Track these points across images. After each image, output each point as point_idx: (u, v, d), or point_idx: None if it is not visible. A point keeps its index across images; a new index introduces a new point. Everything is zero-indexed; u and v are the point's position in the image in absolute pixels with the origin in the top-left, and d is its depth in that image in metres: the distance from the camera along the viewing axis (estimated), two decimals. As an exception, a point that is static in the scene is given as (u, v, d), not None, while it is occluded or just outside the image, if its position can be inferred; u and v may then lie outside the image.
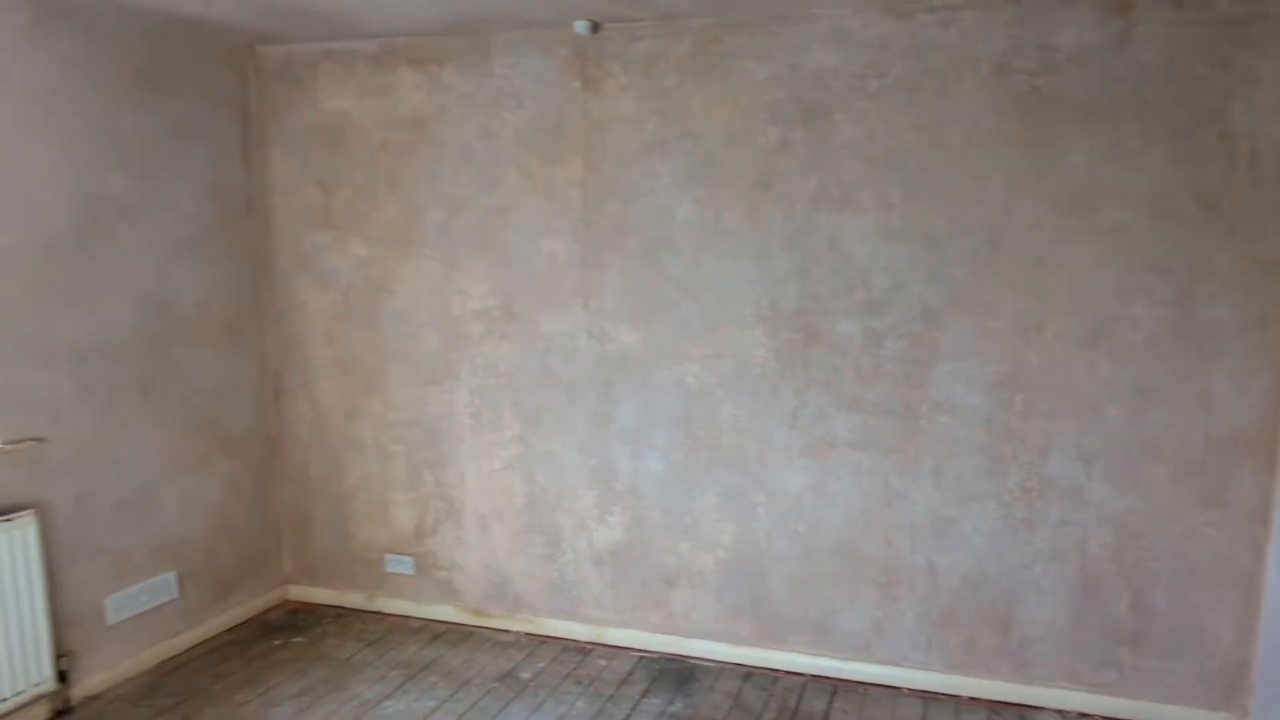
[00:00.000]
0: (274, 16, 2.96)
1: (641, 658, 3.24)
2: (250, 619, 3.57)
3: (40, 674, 2.66)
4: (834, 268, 2.86)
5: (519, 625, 3.45)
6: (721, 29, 2.87)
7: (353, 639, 3.42)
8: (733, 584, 3.15)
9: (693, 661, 3.19)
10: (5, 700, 2.56)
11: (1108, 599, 2.75)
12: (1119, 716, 2.78)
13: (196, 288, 3.23)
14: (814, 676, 3.06)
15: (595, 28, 2.97)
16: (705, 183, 2.96)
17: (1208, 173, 2.51)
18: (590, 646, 3.33)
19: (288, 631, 3.48)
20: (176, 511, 3.21)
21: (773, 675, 3.09)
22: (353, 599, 3.67)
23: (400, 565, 3.57)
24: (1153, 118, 2.53)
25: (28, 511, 2.62)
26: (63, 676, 2.76)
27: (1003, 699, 2.88)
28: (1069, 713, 2.81)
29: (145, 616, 3.09)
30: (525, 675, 3.13)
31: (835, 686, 3.00)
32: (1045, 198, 2.64)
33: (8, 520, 2.55)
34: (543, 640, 3.39)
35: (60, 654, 2.75)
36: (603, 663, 3.21)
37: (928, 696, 2.93)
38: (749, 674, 3.11)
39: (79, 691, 2.85)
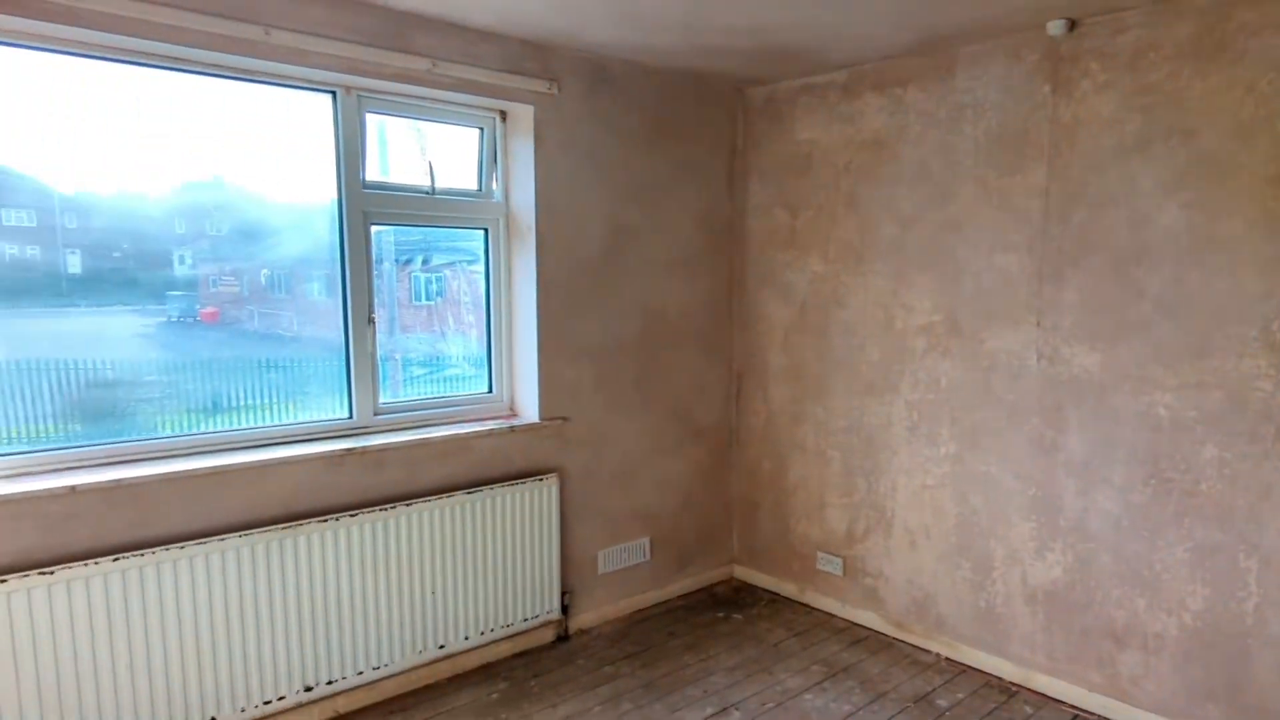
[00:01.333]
0: (762, 61, 3.41)
1: (1076, 716, 2.92)
2: (701, 589, 4.08)
3: (551, 604, 3.43)
4: (1380, 285, 2.26)
5: (939, 647, 3.36)
6: (1233, 3, 2.49)
7: (782, 626, 3.68)
8: (1201, 658, 2.66)
9: (1141, 737, 2.77)
10: (527, 621, 3.36)
11: None
12: None
13: (681, 300, 3.84)
14: (1315, 800, 2.43)
15: (1071, 26, 2.81)
16: (1196, 185, 2.58)
17: None
18: (1015, 689, 3.10)
19: (730, 607, 3.89)
20: (652, 487, 3.84)
21: (1252, 781, 2.53)
22: (787, 588, 3.95)
23: (830, 564, 3.74)
24: None
25: (552, 474, 3.41)
26: (565, 609, 3.51)
27: None
28: None
29: (624, 573, 3.75)
30: (942, 703, 3.06)
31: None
32: None
33: (539, 480, 3.35)
34: (963, 669, 3.25)
35: (564, 591, 3.51)
36: (1029, 710, 2.98)
37: None
38: (1217, 771, 2.59)
39: (574, 624, 3.59)
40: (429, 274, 3.39)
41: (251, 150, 2.78)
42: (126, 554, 2.44)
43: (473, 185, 3.37)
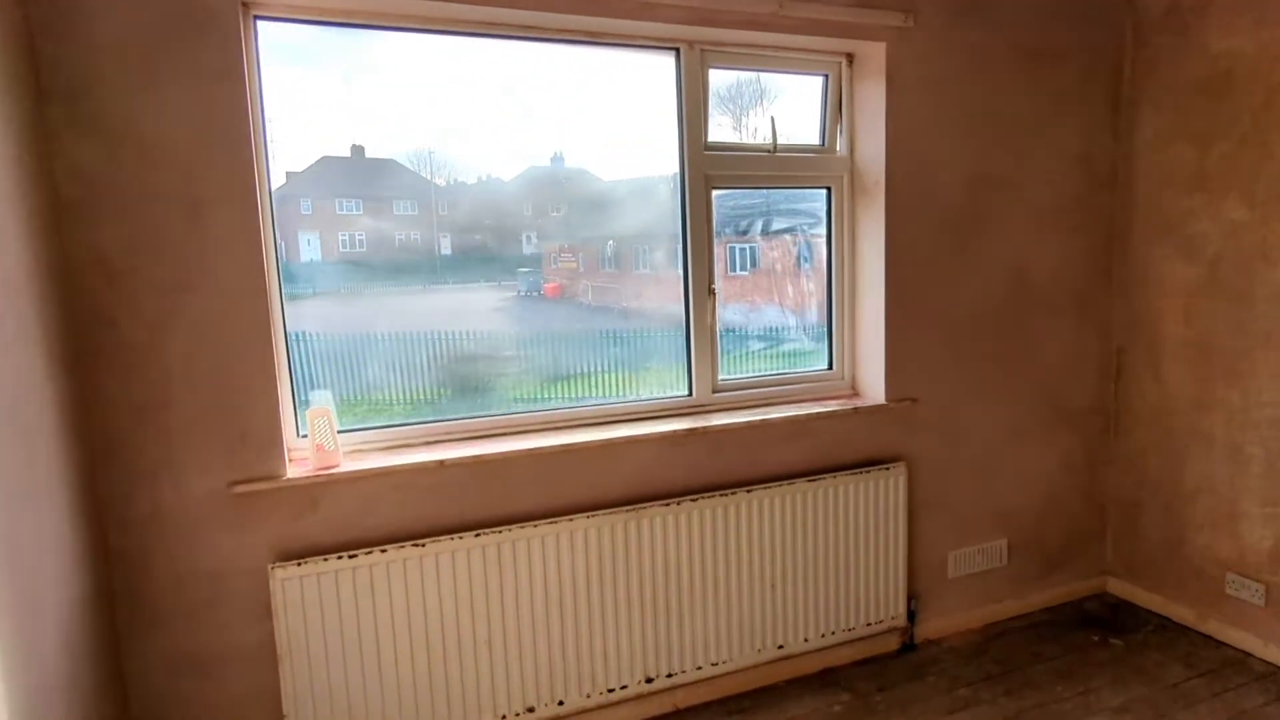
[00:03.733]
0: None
1: None
2: (1068, 603, 3.54)
3: (896, 609, 3.11)
4: None
5: None
6: None
7: (1179, 661, 3.05)
8: None
9: None
10: (870, 625, 3.06)
11: None
12: None
13: (1052, 260, 3.30)
14: None
15: None
16: None
17: None
18: None
19: (1106, 629, 3.32)
20: (1011, 481, 3.35)
21: None
22: (1179, 612, 3.28)
23: (1246, 590, 3.03)
24: None
25: (899, 463, 3.06)
26: (911, 615, 3.16)
27: None
28: None
29: (977, 577, 3.32)
30: None
31: None
32: None
33: (885, 469, 3.01)
34: None
35: (910, 595, 3.15)
36: None
37: None
38: None
39: (921, 632, 3.23)
40: (769, 240, 3.15)
41: (593, 123, 2.70)
42: (485, 530, 2.46)
43: (815, 140, 3.06)
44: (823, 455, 2.99)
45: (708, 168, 2.83)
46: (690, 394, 2.93)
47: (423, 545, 2.41)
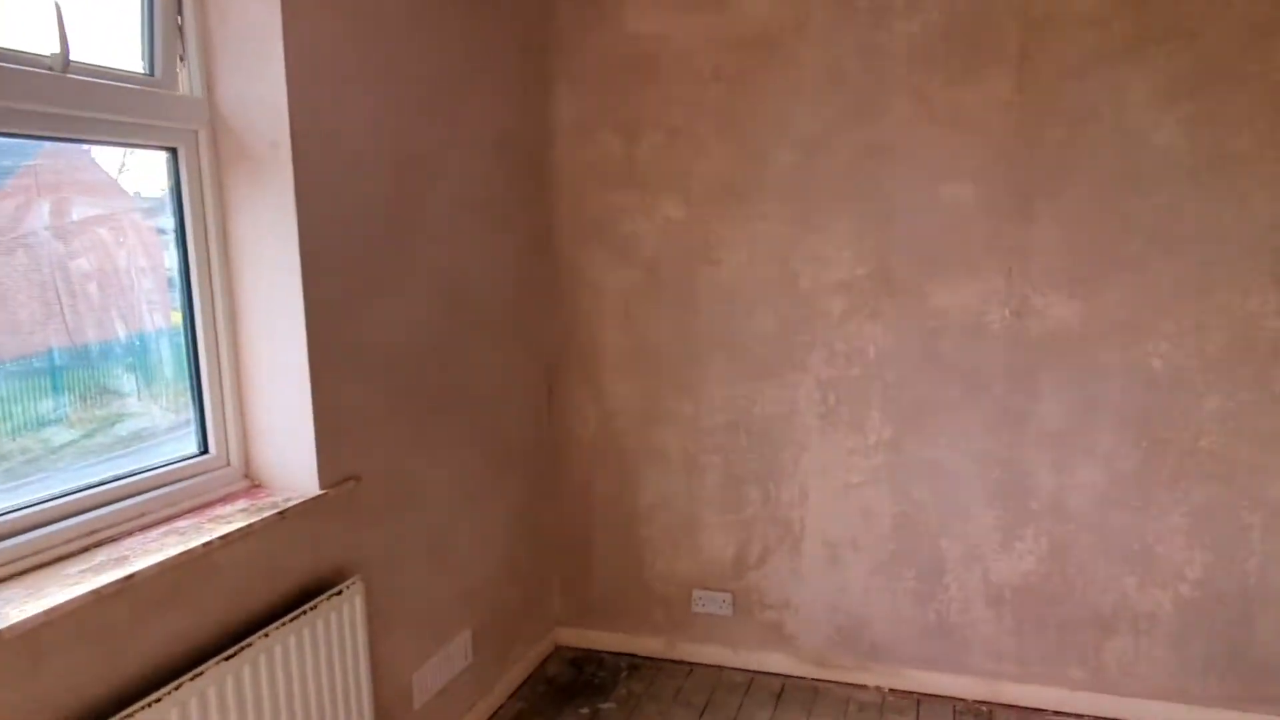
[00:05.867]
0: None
1: (1069, 723, 2.50)
2: (530, 677, 2.86)
3: None
4: (1401, 208, 2.10)
5: (878, 679, 2.72)
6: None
7: (675, 701, 2.72)
8: (1200, 630, 2.41)
9: (1146, 730, 2.45)
10: None
11: None
12: None
13: (486, 264, 2.54)
14: (1332, 752, 2.31)
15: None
16: (1200, 97, 2.21)
17: None
18: (986, 708, 2.59)
19: (586, 693, 2.78)
20: (471, 551, 2.54)
21: (1274, 750, 2.33)
22: (647, 645, 2.95)
23: (713, 604, 2.84)
24: None
25: (353, 579, 1.92)
26: None
27: None
28: None
29: (444, 694, 2.41)
30: (912, 747, 2.41)
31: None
32: None
33: (333, 596, 1.86)
34: (919, 698, 2.66)
35: None
36: (1023, 731, 2.47)
37: None
38: (1237, 748, 2.36)
39: None
40: (57, 234, 1.59)
41: None
42: None
43: (137, 66, 1.66)
44: (225, 615, 1.66)
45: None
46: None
47: None
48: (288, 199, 1.79)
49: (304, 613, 1.78)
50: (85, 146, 1.64)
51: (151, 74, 1.71)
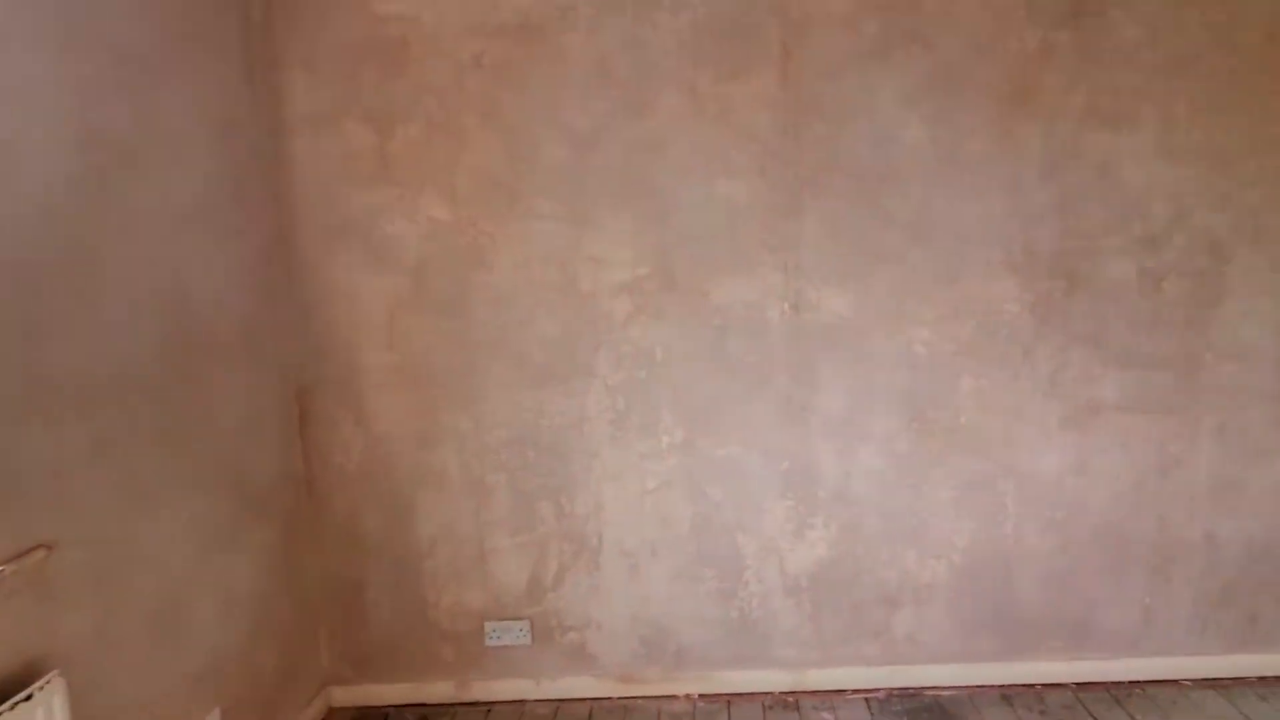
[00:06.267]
0: None
1: (867, 699, 2.58)
2: (303, 748, 2.46)
3: None
4: (1103, 198, 2.37)
5: (688, 686, 2.65)
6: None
7: (475, 750, 2.44)
8: (971, 593, 2.58)
9: (930, 693, 2.58)
10: None
11: (1402, 547, 2.50)
12: None
13: (214, 275, 2.11)
14: (1079, 685, 2.58)
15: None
16: (940, 99, 2.35)
17: None
18: (793, 698, 2.61)
19: (373, 757, 2.43)
20: (213, 615, 2.11)
21: (1035, 692, 2.56)
22: (436, 690, 2.68)
23: (509, 635, 2.63)
24: None
25: (49, 675, 1.48)
26: None
27: (1290, 674, 2.55)
28: (1364, 677, 2.54)
29: None
30: (719, 751, 2.37)
31: (1112, 692, 2.53)
32: (1349, 104, 2.31)
33: (26, 699, 1.41)
34: (729, 700, 2.62)
35: None
36: (827, 716, 2.51)
37: (1215, 684, 2.53)
38: (1006, 695, 2.55)
39: None
40: None
41: None
42: None
43: None
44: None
45: None
46: None
47: None
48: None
49: (-23, 742, 1.34)
50: None
51: None
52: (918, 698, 2.59)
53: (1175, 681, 2.58)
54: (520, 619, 2.65)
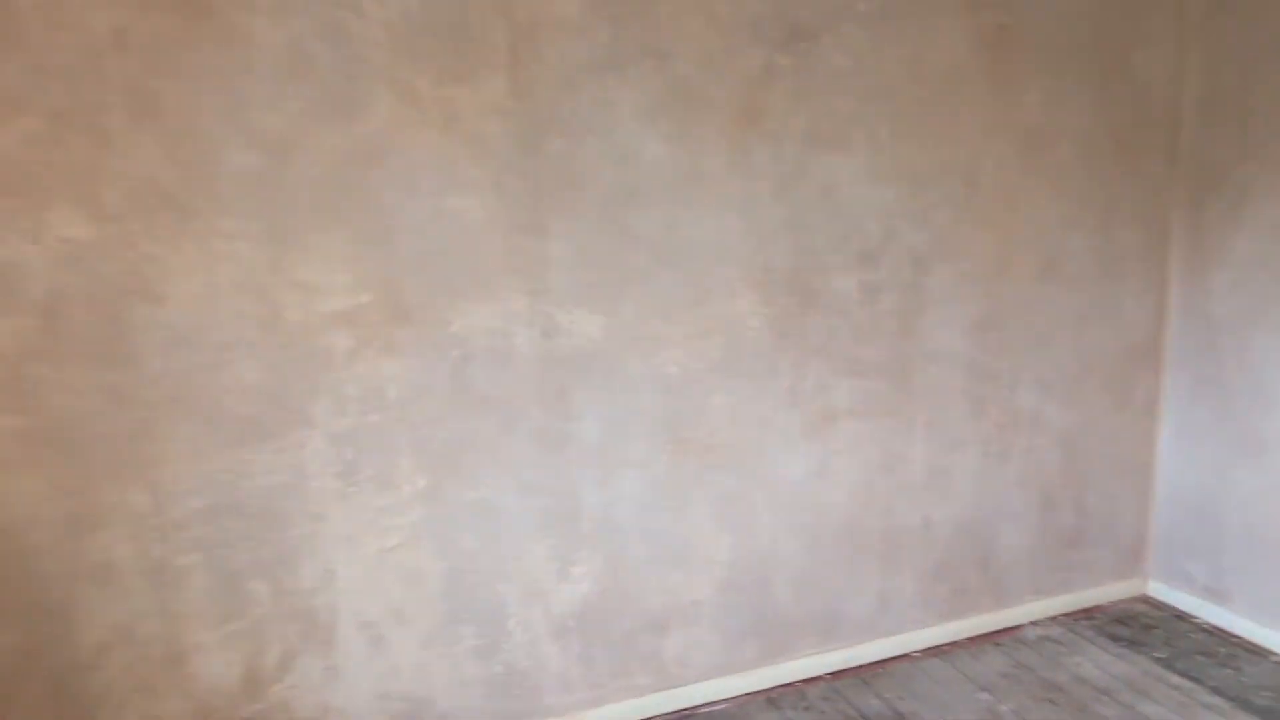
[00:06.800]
0: None
1: (643, 734, 2.12)
2: None
3: None
4: (829, 216, 2.13)
5: (450, 759, 2.02)
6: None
7: None
8: (735, 605, 2.23)
9: (704, 711, 2.19)
10: None
11: (1059, 510, 2.55)
12: (1070, 610, 2.61)
13: None
14: (833, 674, 2.32)
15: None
16: (678, 116, 1.96)
17: (1119, 115, 2.39)
18: (566, 748, 2.08)
19: None
20: None
21: (796, 690, 2.26)
22: (124, 838, 1.79)
23: (223, 747, 1.83)
24: (1086, 61, 2.32)
25: None
26: None
27: (989, 629, 2.50)
28: (1041, 620, 2.55)
29: None
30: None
31: (861, 675, 2.30)
32: (1009, 137, 2.27)
33: None
34: (498, 767, 2.02)
35: None
36: (604, 764, 2.01)
37: (937, 651, 2.41)
38: (772, 698, 2.23)
39: None
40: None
41: None
42: None
43: None
44: None
45: None
46: None
47: None
48: None
49: None
50: None
51: None
52: (691, 718, 2.18)
53: (907, 655, 2.41)
54: (235, 724, 1.85)
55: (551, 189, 1.88)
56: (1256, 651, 2.32)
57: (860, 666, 2.35)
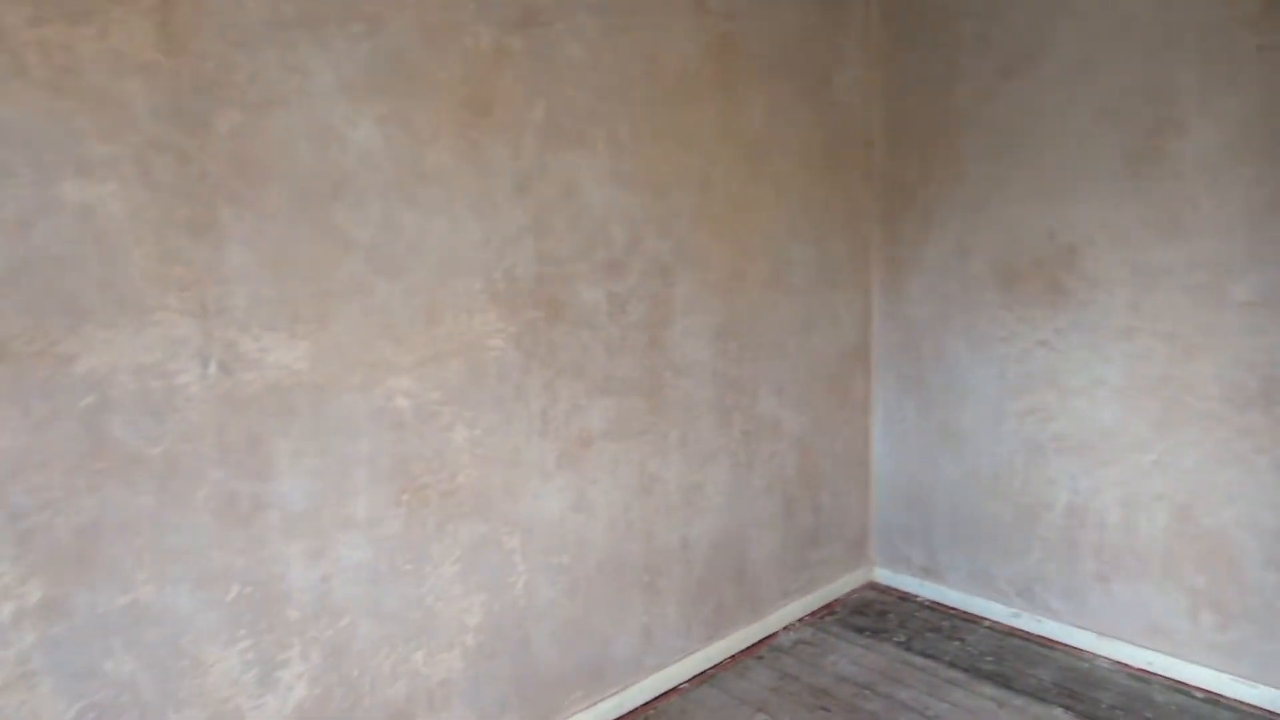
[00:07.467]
0: None
1: None
2: None
3: None
4: (571, 220, 2.04)
5: None
6: None
7: None
8: (491, 674, 2.01)
9: (463, 812, 1.93)
10: None
11: (799, 512, 2.76)
12: (814, 609, 2.84)
13: None
14: (603, 730, 2.21)
15: None
16: (395, 94, 1.72)
17: (826, 131, 2.67)
18: None
19: None
20: None
21: (568, 759, 2.11)
22: None
23: None
24: (799, 76, 2.55)
25: None
26: None
27: (750, 642, 2.61)
28: (792, 624, 2.74)
29: None
30: None
31: (635, 725, 2.23)
32: (738, 145, 2.41)
33: None
34: None
35: None
36: None
37: (706, 677, 2.44)
38: (541, 777, 2.05)
39: None
40: None
41: None
42: None
43: None
44: None
45: None
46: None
47: None
48: None
49: None
50: None
51: None
52: (448, 823, 1.89)
53: (677, 689, 2.39)
54: None
55: (227, 176, 1.51)
56: (971, 619, 2.72)
57: (633, 711, 2.27)
